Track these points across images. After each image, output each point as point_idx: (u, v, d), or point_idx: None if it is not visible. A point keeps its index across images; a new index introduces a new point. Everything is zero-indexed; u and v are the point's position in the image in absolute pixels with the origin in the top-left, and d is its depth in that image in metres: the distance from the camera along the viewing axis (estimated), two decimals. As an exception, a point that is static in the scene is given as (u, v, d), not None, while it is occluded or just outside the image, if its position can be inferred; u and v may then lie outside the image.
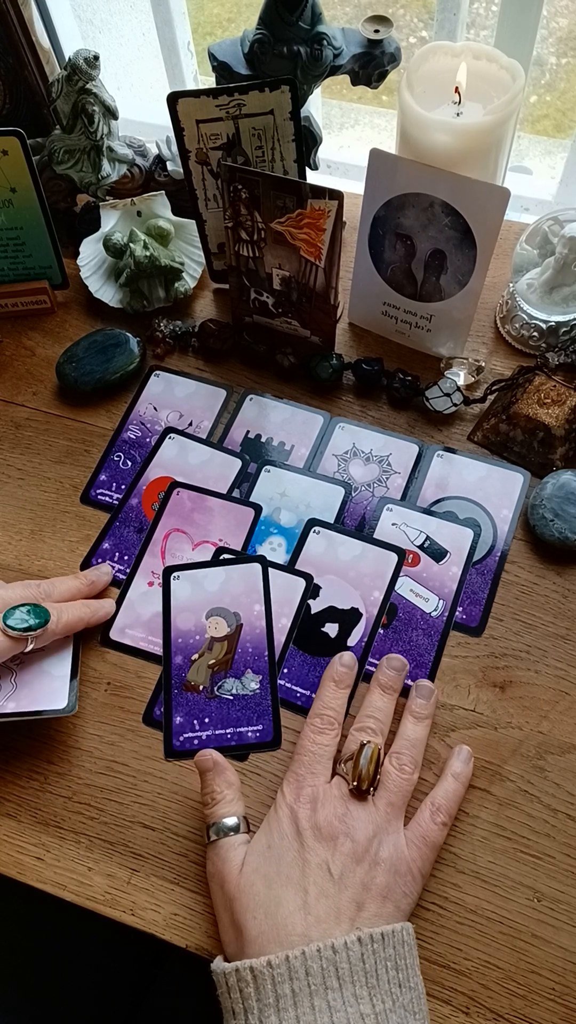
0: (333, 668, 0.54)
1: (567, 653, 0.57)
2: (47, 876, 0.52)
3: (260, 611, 0.58)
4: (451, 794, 0.50)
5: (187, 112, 0.62)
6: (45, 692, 0.54)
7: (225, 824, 0.48)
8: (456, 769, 0.52)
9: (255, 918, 0.44)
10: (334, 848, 0.46)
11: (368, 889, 0.45)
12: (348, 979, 0.41)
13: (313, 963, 0.41)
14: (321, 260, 0.61)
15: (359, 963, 0.42)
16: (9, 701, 0.53)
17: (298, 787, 0.48)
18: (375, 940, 0.43)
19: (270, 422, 0.68)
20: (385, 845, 0.47)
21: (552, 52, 1.53)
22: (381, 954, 0.43)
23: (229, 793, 0.49)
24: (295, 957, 0.41)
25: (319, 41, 0.63)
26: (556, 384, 0.64)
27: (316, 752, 0.50)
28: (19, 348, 0.74)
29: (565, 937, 0.49)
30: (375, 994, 0.42)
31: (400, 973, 0.43)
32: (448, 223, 0.61)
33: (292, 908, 0.44)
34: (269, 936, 0.43)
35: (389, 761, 0.50)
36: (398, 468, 0.65)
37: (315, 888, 0.44)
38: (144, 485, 0.65)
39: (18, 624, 0.51)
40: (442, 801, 0.50)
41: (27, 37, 0.70)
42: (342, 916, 0.44)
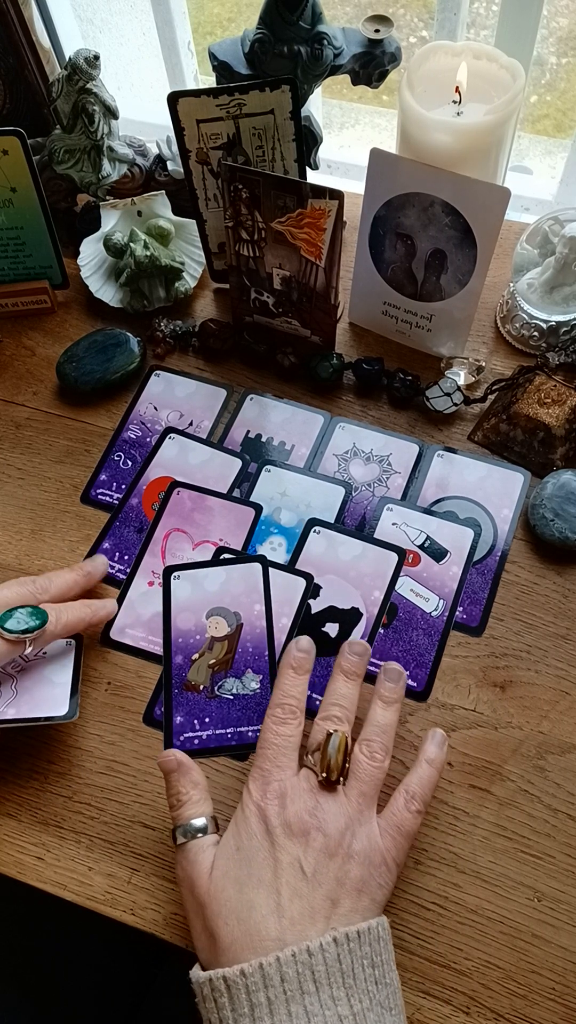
0: (290, 655, 0.52)
1: (567, 653, 0.57)
2: (47, 876, 0.52)
3: (260, 611, 0.58)
4: (425, 780, 0.49)
5: (187, 112, 0.62)
6: (46, 698, 0.53)
7: (193, 825, 0.46)
8: (430, 754, 0.50)
9: (227, 924, 0.43)
10: (306, 844, 0.44)
11: (343, 884, 0.44)
12: (325, 981, 0.41)
13: (288, 969, 0.40)
14: (321, 260, 0.61)
15: (335, 964, 0.41)
16: (9, 707, 0.53)
17: (264, 783, 0.46)
18: (351, 939, 0.42)
19: (270, 422, 0.68)
20: (359, 837, 0.45)
21: (552, 52, 1.53)
22: (357, 952, 0.42)
23: (195, 793, 0.48)
24: (269, 964, 0.40)
25: (319, 41, 0.63)
26: (556, 384, 0.64)
27: (280, 744, 0.48)
28: (19, 348, 0.74)
29: (565, 937, 0.49)
30: (352, 994, 0.41)
31: (376, 970, 0.42)
32: (448, 223, 0.61)
33: (265, 912, 0.43)
34: (242, 943, 0.42)
35: (359, 748, 0.48)
36: (398, 468, 0.65)
37: (288, 889, 0.43)
38: (144, 485, 0.65)
39: (15, 626, 0.50)
40: (416, 788, 0.48)
41: (27, 37, 0.70)
42: (317, 915, 0.43)
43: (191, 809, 0.47)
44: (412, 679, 0.57)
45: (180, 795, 0.48)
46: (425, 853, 0.51)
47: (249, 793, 0.47)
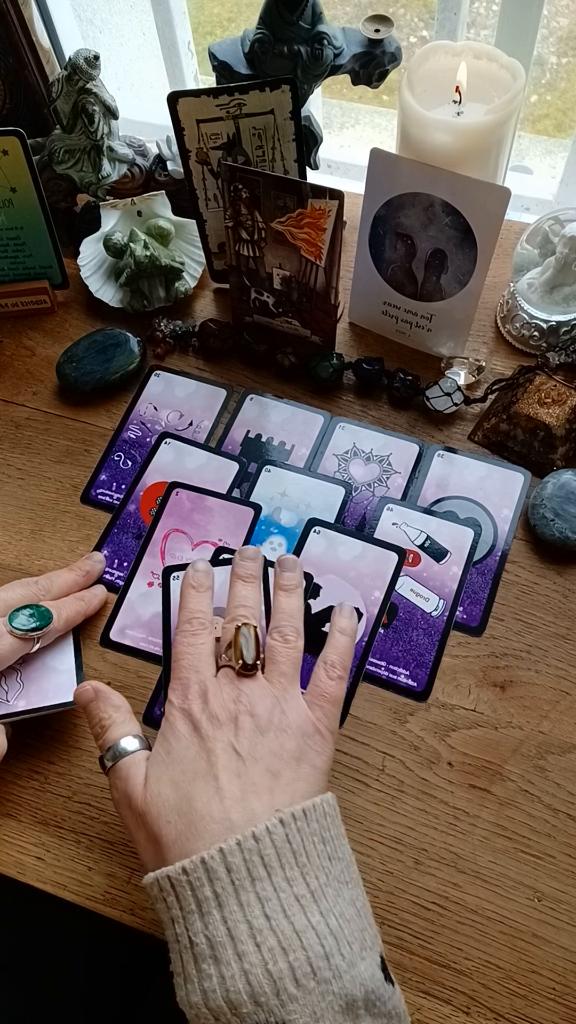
0: (188, 576, 0.52)
1: (568, 653, 0.57)
2: (47, 876, 0.52)
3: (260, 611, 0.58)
4: (341, 647, 0.50)
5: (187, 112, 0.62)
6: (52, 687, 0.55)
7: (119, 745, 0.45)
8: (341, 624, 0.51)
9: (169, 822, 0.41)
10: (236, 728, 0.44)
11: (280, 756, 0.44)
12: (276, 864, 0.39)
13: (233, 858, 0.39)
14: (321, 260, 0.61)
15: (285, 844, 0.40)
16: (19, 700, 0.54)
17: (184, 687, 0.46)
18: (297, 818, 0.41)
19: (270, 422, 0.68)
20: (288, 711, 0.45)
21: (553, 52, 1.53)
22: (306, 830, 0.41)
23: (118, 716, 0.47)
24: (212, 857, 0.39)
25: (319, 41, 0.63)
26: (557, 384, 0.63)
27: (194, 653, 0.48)
28: (19, 348, 0.74)
29: (566, 937, 0.49)
30: (307, 872, 0.40)
31: (328, 845, 0.42)
32: (449, 223, 0.61)
33: (206, 798, 0.42)
34: (187, 834, 0.41)
35: (271, 636, 0.49)
36: (398, 468, 0.65)
37: (225, 772, 0.42)
38: (141, 491, 0.65)
39: (24, 625, 0.53)
40: (334, 657, 0.49)
41: (27, 37, 0.70)
42: (260, 788, 0.42)
43: (116, 730, 0.46)
44: (412, 679, 0.57)
45: (103, 720, 0.47)
46: (425, 853, 0.51)
47: (170, 703, 0.46)
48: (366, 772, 0.54)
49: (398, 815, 0.53)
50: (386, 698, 0.56)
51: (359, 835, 0.52)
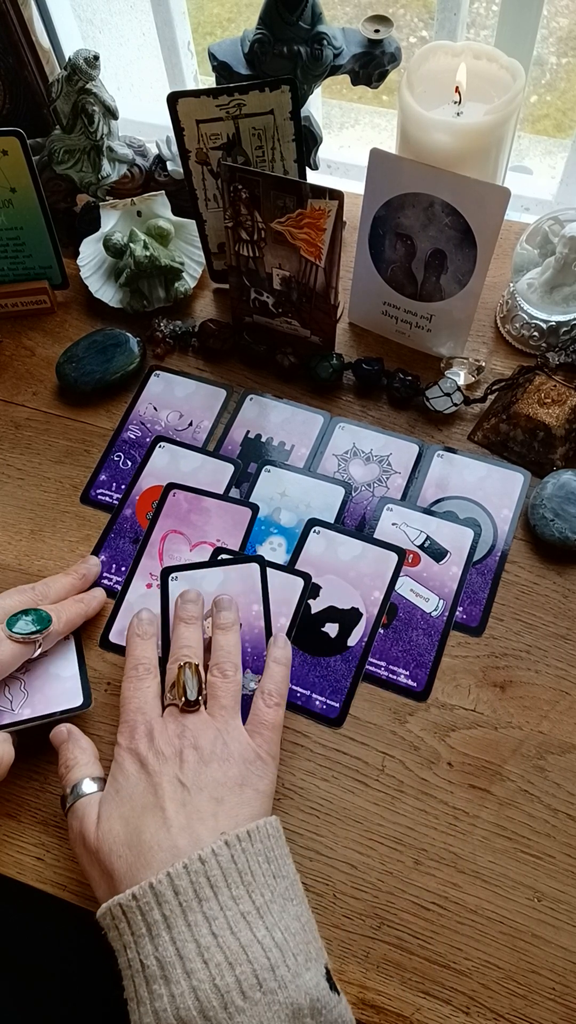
0: (133, 625, 0.54)
1: (567, 653, 0.57)
2: (47, 876, 0.52)
3: (259, 611, 0.58)
4: (277, 677, 0.52)
5: (187, 112, 0.62)
6: (57, 693, 0.55)
7: (81, 788, 0.48)
8: (276, 655, 0.54)
9: (120, 856, 0.43)
10: (180, 761, 0.46)
11: (223, 784, 0.46)
12: (222, 884, 0.41)
13: (180, 881, 0.41)
14: (321, 260, 0.61)
15: (230, 864, 0.42)
16: (24, 708, 0.54)
17: (131, 730, 0.48)
18: (242, 839, 0.43)
19: (270, 422, 0.68)
20: (229, 742, 0.48)
21: (552, 52, 1.53)
22: (250, 850, 0.43)
23: (83, 758, 0.50)
24: (159, 881, 0.41)
25: (319, 41, 0.63)
26: (556, 384, 0.64)
27: (140, 696, 0.50)
28: (19, 348, 0.74)
29: (565, 937, 0.49)
30: (253, 890, 0.42)
31: (272, 864, 0.43)
32: (448, 223, 0.61)
33: (154, 829, 0.44)
34: (137, 865, 0.43)
35: (211, 673, 0.51)
36: (398, 468, 0.65)
37: (172, 803, 0.44)
38: (137, 495, 0.65)
39: (24, 629, 0.52)
40: (271, 686, 0.51)
41: (27, 37, 0.70)
42: (204, 815, 0.44)
43: (78, 772, 0.49)
44: (412, 679, 0.57)
45: (68, 761, 0.50)
46: (425, 853, 0.51)
47: (119, 745, 0.48)
48: (366, 772, 0.54)
49: (398, 815, 0.53)
50: (386, 698, 0.56)
51: (359, 835, 0.52)
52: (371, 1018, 0.48)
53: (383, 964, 0.49)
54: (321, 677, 0.57)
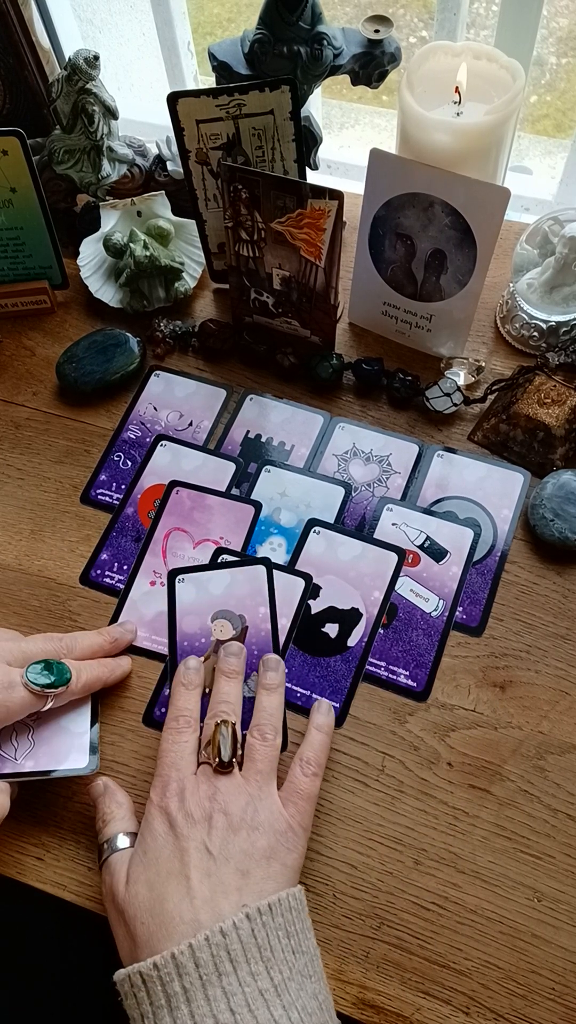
0: (180, 673, 0.53)
1: (567, 653, 0.57)
2: (47, 876, 0.52)
3: (265, 614, 0.57)
4: (317, 745, 0.51)
5: (187, 112, 0.62)
6: (64, 750, 0.53)
7: (116, 843, 0.48)
8: (318, 722, 0.52)
9: (143, 923, 0.43)
10: (209, 827, 0.46)
11: (250, 856, 0.45)
12: (242, 959, 0.41)
13: (202, 954, 0.41)
14: (321, 260, 0.61)
15: (250, 939, 0.42)
16: (27, 760, 0.52)
17: (164, 785, 0.48)
18: (263, 913, 0.42)
19: (270, 422, 0.68)
20: (261, 809, 0.47)
21: (552, 52, 1.53)
22: (271, 924, 0.42)
23: (119, 812, 0.50)
24: (181, 953, 0.41)
25: (319, 41, 0.63)
26: (556, 384, 0.64)
27: (177, 751, 0.49)
28: (19, 348, 0.74)
29: (565, 937, 0.49)
30: (271, 967, 0.41)
31: (292, 939, 0.43)
32: (448, 223, 0.61)
33: (177, 899, 0.43)
34: (158, 935, 0.43)
35: (250, 734, 0.50)
36: (398, 468, 0.65)
37: (197, 872, 0.44)
38: (139, 494, 0.65)
39: (40, 681, 0.50)
40: (310, 754, 0.50)
41: (27, 37, 0.70)
42: (228, 889, 0.44)
43: (115, 826, 0.49)
44: (412, 679, 0.57)
45: (105, 815, 0.50)
46: (425, 853, 0.51)
47: (150, 800, 0.48)
48: (366, 772, 0.54)
49: (398, 815, 0.53)
50: (386, 698, 0.56)
51: (359, 835, 0.52)
52: (371, 1018, 0.48)
53: (383, 964, 0.49)
54: (321, 678, 0.57)
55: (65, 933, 0.63)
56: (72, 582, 0.62)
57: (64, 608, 0.61)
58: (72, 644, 0.54)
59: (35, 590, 0.61)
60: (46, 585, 0.62)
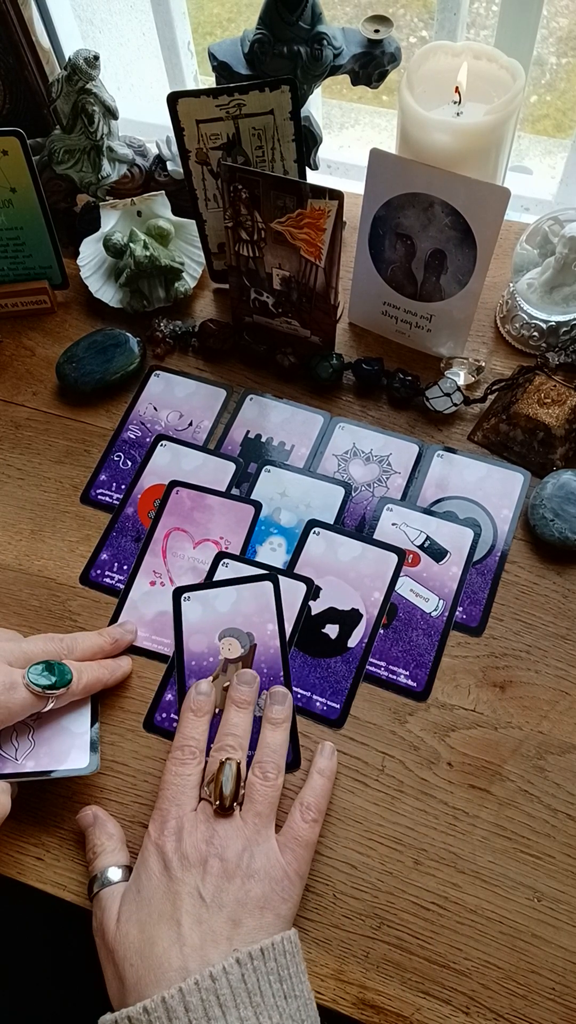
0: (190, 698, 0.53)
1: (567, 653, 0.57)
2: (47, 876, 0.52)
3: (273, 630, 0.57)
4: (319, 790, 0.50)
5: (187, 112, 0.62)
6: (64, 750, 0.52)
7: (107, 876, 0.48)
8: (321, 765, 0.52)
9: (132, 965, 0.43)
10: (203, 872, 0.45)
11: (244, 904, 0.44)
12: (231, 1004, 0.41)
13: (191, 998, 0.40)
14: (321, 260, 0.61)
15: (240, 984, 0.41)
16: (28, 760, 0.52)
17: (162, 821, 0.47)
18: (254, 957, 0.42)
19: (270, 422, 0.68)
20: (257, 855, 0.46)
21: (552, 52, 1.53)
22: (262, 969, 0.42)
23: (110, 844, 0.49)
24: (171, 996, 0.40)
25: (319, 41, 0.63)
26: (556, 384, 0.64)
27: (179, 784, 0.49)
28: (19, 348, 0.74)
29: (565, 937, 0.49)
30: (261, 1012, 0.41)
31: (284, 984, 0.43)
32: (448, 223, 0.61)
33: (166, 944, 0.43)
34: (146, 979, 0.42)
35: (252, 772, 0.49)
36: (398, 468, 0.65)
37: (188, 918, 0.44)
38: (139, 494, 0.65)
39: (41, 681, 0.50)
40: (311, 799, 0.50)
41: (27, 37, 0.70)
42: (219, 938, 0.43)
43: (105, 859, 0.49)
44: (412, 679, 0.57)
45: (95, 847, 0.49)
46: (425, 853, 0.51)
47: (148, 835, 0.48)
48: (366, 772, 0.54)
49: (398, 815, 0.53)
50: (386, 698, 0.56)
51: (359, 835, 0.52)
52: (371, 1018, 0.48)
53: (383, 964, 0.49)
54: (321, 678, 0.57)
55: (65, 933, 0.63)
56: (72, 582, 0.62)
57: (64, 608, 0.61)
58: (73, 645, 0.54)
59: (35, 590, 0.61)
60: (46, 585, 0.62)
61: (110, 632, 0.57)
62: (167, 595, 0.60)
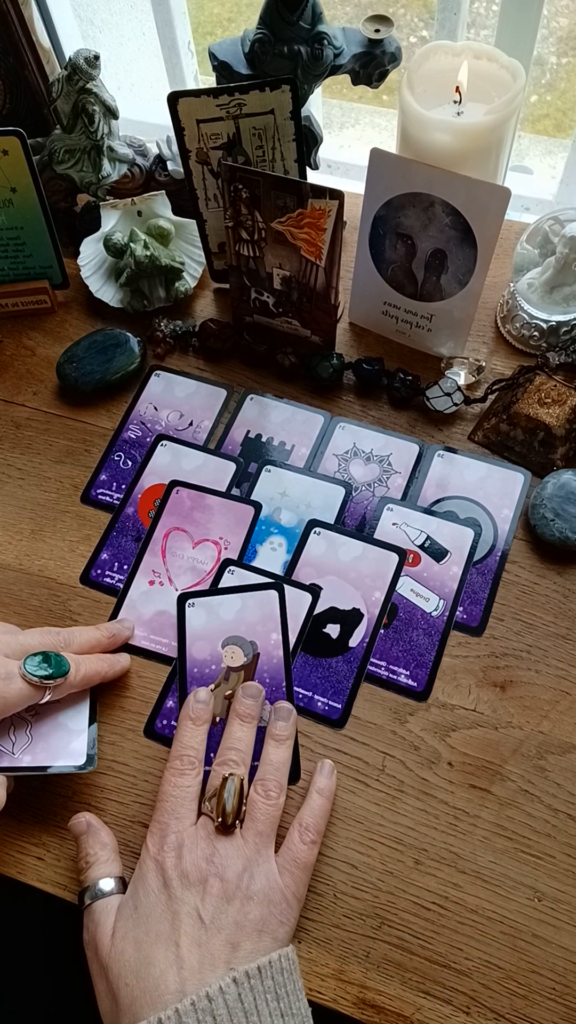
0: (189, 706, 0.52)
1: (568, 653, 0.57)
2: (47, 876, 0.52)
3: (277, 640, 0.57)
4: (318, 811, 0.50)
5: (187, 112, 0.62)
6: (62, 746, 0.52)
7: (99, 886, 0.47)
8: (320, 785, 0.51)
9: (127, 985, 0.42)
10: (203, 892, 0.45)
11: (242, 927, 0.44)
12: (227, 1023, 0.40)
13: (188, 1018, 0.40)
14: (321, 260, 0.61)
15: (237, 1004, 0.41)
16: (25, 755, 0.51)
17: (162, 836, 0.47)
18: (251, 976, 0.42)
19: (270, 422, 0.68)
20: (257, 877, 0.46)
21: (552, 52, 1.53)
22: (259, 988, 0.42)
23: (103, 854, 0.49)
24: (168, 1018, 0.40)
25: (320, 41, 0.63)
26: (557, 384, 0.64)
27: (178, 796, 0.48)
28: (19, 348, 0.74)
29: (566, 937, 0.49)
30: None
31: (282, 1002, 0.42)
32: (449, 223, 0.61)
33: (164, 966, 0.42)
34: (142, 1001, 0.42)
35: (254, 789, 0.49)
36: (399, 468, 0.65)
37: (187, 939, 0.43)
38: (139, 493, 0.65)
39: (38, 672, 0.49)
40: (310, 820, 0.49)
41: (27, 37, 0.70)
42: (217, 961, 0.43)
43: (98, 869, 0.48)
44: (412, 679, 0.57)
45: (88, 856, 0.49)
46: (425, 853, 0.51)
47: (147, 849, 0.47)
48: (366, 772, 0.54)
49: (398, 815, 0.53)
50: (386, 698, 0.56)
51: (359, 835, 0.52)
52: (371, 1018, 0.48)
53: (383, 964, 0.49)
54: (323, 678, 0.57)
55: (65, 933, 0.63)
56: (72, 582, 0.62)
57: (64, 608, 0.61)
58: (70, 638, 0.54)
59: (35, 590, 0.61)
60: (46, 585, 0.62)
61: (107, 627, 0.57)
62: (166, 595, 0.60)
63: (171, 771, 0.49)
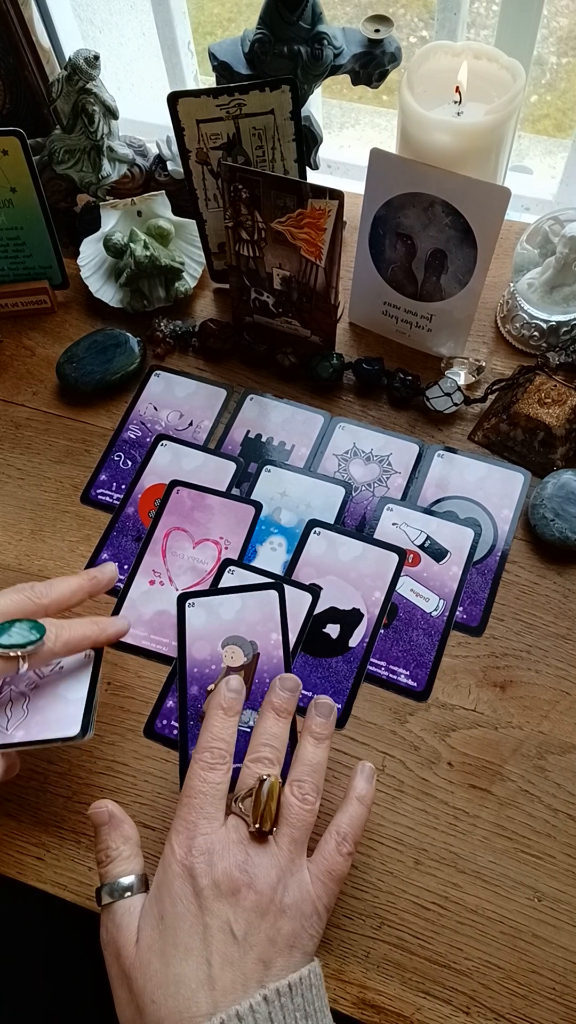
0: (219, 695, 0.48)
1: (568, 653, 0.57)
2: (47, 876, 0.52)
3: (277, 640, 0.57)
4: (356, 819, 0.47)
5: (187, 112, 0.62)
6: (58, 718, 0.49)
7: (120, 884, 0.44)
8: (360, 790, 0.48)
9: (155, 1002, 0.40)
10: (236, 903, 0.42)
11: (274, 943, 0.42)
12: None
13: None
14: (321, 260, 0.61)
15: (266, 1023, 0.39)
16: (18, 729, 0.49)
17: (189, 837, 0.43)
18: (282, 994, 0.40)
19: (270, 422, 0.68)
20: (290, 889, 0.43)
21: (553, 52, 1.53)
22: (289, 1006, 0.40)
23: (126, 849, 0.45)
24: None
25: (319, 41, 0.63)
26: (557, 384, 0.64)
27: (207, 792, 0.45)
28: (19, 348, 0.74)
29: (566, 937, 0.49)
30: None
31: (310, 1020, 0.40)
32: (449, 223, 0.61)
33: (195, 985, 0.40)
34: (172, 1020, 0.40)
35: (289, 790, 0.46)
36: (398, 468, 0.65)
37: (219, 957, 0.41)
38: (139, 493, 0.65)
39: (7, 641, 0.45)
40: (347, 829, 0.46)
41: (27, 37, 0.70)
42: (249, 980, 0.41)
43: (120, 866, 0.45)
44: (412, 679, 0.57)
45: (109, 850, 0.45)
46: (425, 853, 0.51)
47: (172, 850, 0.43)
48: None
49: (398, 815, 0.53)
50: (386, 698, 0.56)
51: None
52: (371, 1018, 0.48)
53: (383, 964, 0.49)
54: (323, 679, 0.57)
55: (65, 933, 0.63)
56: (72, 582, 0.62)
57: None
58: (45, 590, 0.50)
59: (35, 590, 0.61)
60: (46, 585, 0.62)
61: (88, 571, 0.54)
62: (166, 594, 0.60)
63: (199, 764, 0.46)
